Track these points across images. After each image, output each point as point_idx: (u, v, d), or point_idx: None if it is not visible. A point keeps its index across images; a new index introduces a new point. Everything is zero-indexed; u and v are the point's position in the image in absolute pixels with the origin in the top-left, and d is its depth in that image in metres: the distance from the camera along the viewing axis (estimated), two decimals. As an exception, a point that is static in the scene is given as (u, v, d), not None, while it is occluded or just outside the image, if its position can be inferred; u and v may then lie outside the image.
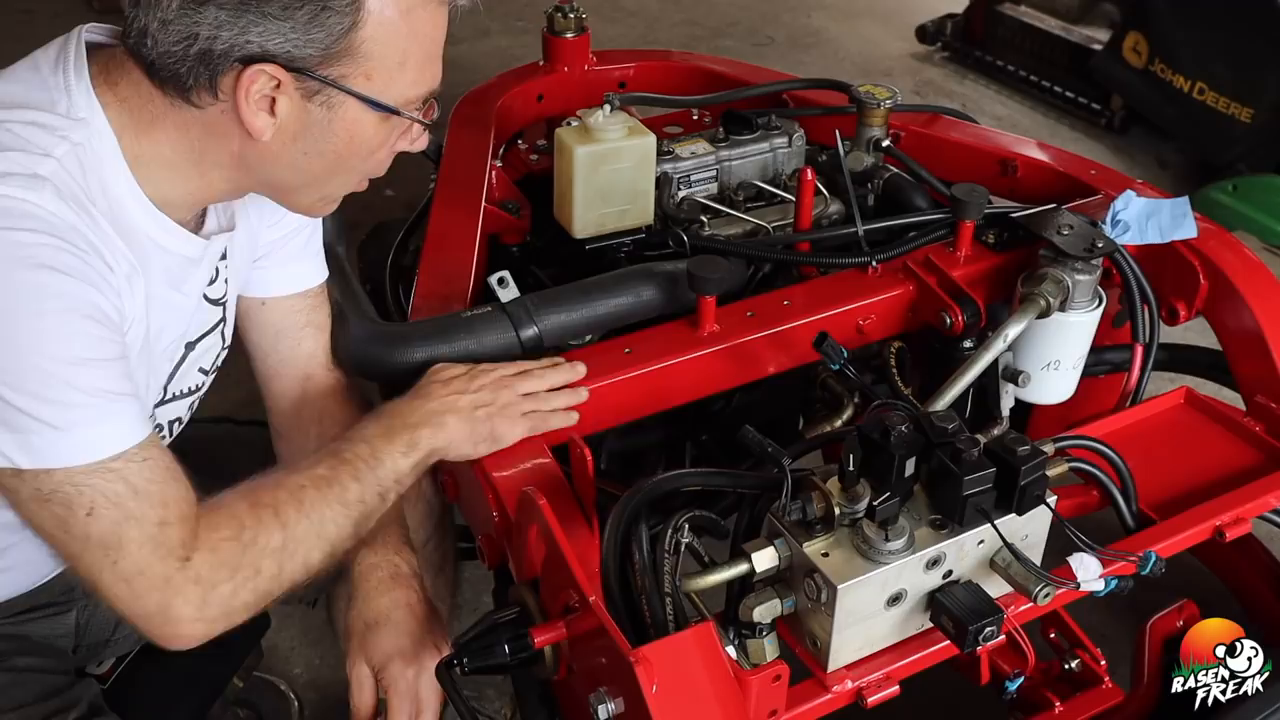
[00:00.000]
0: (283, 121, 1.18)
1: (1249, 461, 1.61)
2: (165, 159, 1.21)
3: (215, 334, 1.45)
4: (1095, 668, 1.61)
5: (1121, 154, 4.02)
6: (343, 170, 1.28)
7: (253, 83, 1.14)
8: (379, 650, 1.34)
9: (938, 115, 2.22)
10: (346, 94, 1.18)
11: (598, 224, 1.86)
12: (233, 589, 1.19)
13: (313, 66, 1.15)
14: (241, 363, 1.56)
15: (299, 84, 1.16)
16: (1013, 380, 1.69)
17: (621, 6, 5.19)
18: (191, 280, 1.34)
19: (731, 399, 1.83)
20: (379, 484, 1.31)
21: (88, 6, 4.58)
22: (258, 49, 1.12)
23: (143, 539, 1.14)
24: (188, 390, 1.45)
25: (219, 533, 1.19)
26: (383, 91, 1.20)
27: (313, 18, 1.12)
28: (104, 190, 1.19)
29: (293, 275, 1.52)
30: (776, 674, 1.16)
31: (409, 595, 1.38)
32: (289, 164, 1.23)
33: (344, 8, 1.13)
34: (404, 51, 1.19)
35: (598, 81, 2.36)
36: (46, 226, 1.10)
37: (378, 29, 1.15)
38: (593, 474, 1.35)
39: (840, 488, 1.21)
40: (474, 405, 1.40)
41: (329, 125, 1.20)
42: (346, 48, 1.15)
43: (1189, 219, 1.78)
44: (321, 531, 1.26)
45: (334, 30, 1.13)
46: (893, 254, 1.75)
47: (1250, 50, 3.51)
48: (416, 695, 1.33)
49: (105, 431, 1.13)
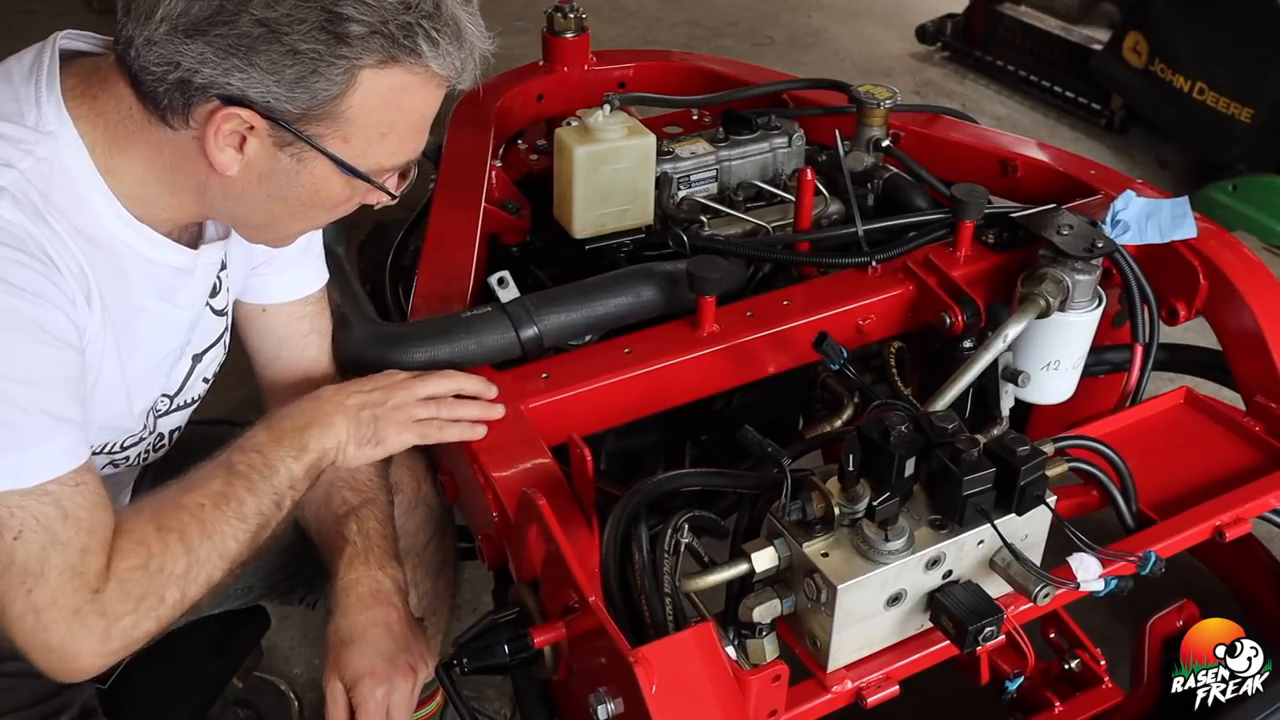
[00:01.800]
0: (249, 161, 1.16)
1: (1249, 461, 1.61)
2: (138, 176, 1.20)
3: (219, 345, 1.45)
4: (1095, 668, 1.61)
5: (1121, 154, 4.02)
6: (304, 218, 1.26)
7: (225, 121, 1.11)
8: (351, 667, 1.32)
9: (938, 115, 2.22)
10: (319, 152, 1.15)
11: (598, 224, 1.86)
12: (135, 620, 1.16)
13: (291, 120, 1.12)
14: (241, 363, 1.56)
15: (272, 132, 1.13)
16: (1013, 380, 1.69)
17: (621, 6, 5.19)
18: (185, 291, 1.33)
19: (731, 399, 1.83)
20: (274, 493, 1.29)
21: (88, 6, 4.58)
22: (238, 92, 1.09)
23: (64, 567, 1.11)
24: (191, 400, 1.45)
25: (127, 561, 1.16)
26: (358, 157, 1.17)
27: (300, 79, 1.09)
28: (76, 203, 1.17)
29: (292, 281, 1.51)
30: (776, 674, 1.16)
31: (388, 613, 1.36)
32: (251, 203, 1.21)
33: (336, 76, 1.10)
34: (389, 124, 1.16)
35: (598, 81, 2.36)
36: (3, 236, 1.09)
37: (367, 99, 1.12)
38: (593, 474, 1.35)
39: (840, 488, 1.21)
40: (361, 405, 1.38)
41: (295, 176, 1.18)
42: (330, 111, 1.12)
43: (1189, 219, 1.78)
44: (223, 550, 1.23)
45: (320, 95, 1.10)
46: (893, 254, 1.75)
47: (1250, 50, 3.50)
48: (387, 714, 1.31)
49: (44, 454, 1.11)
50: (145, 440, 1.41)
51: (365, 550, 1.40)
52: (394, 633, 1.35)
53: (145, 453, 1.43)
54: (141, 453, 1.43)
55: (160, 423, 1.41)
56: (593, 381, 1.54)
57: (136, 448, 1.40)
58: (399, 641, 1.35)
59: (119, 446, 1.37)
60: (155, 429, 1.41)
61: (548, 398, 1.52)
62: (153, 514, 1.21)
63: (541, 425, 1.48)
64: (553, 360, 1.61)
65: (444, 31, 1.12)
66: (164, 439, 1.44)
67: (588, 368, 1.57)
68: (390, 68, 1.12)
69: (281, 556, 1.62)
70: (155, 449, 1.45)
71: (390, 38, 1.10)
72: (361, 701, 1.31)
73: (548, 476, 1.40)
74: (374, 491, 1.47)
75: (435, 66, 1.13)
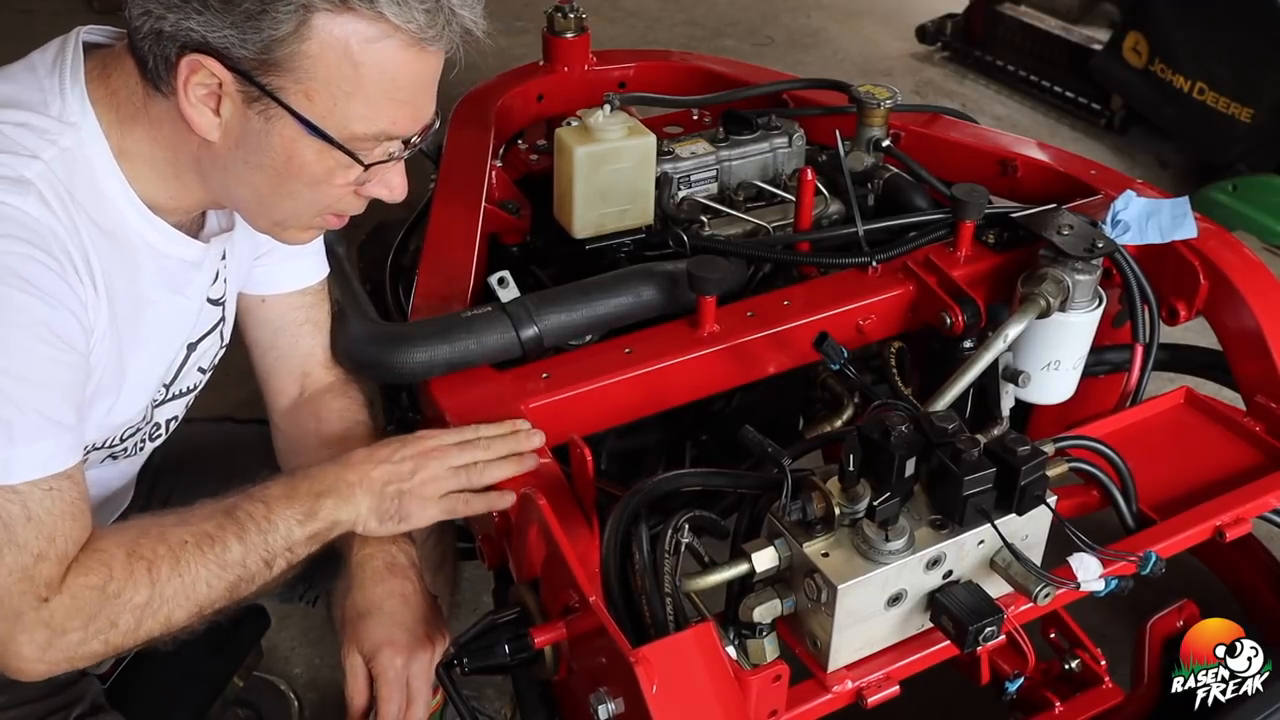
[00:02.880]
0: (226, 124, 1.16)
1: (1249, 461, 1.61)
2: (145, 155, 1.21)
3: (215, 334, 1.45)
4: (1095, 668, 1.61)
5: (1121, 154, 4.02)
6: (286, 193, 1.23)
7: (192, 73, 1.12)
8: (370, 639, 1.31)
9: (938, 115, 2.22)
10: (282, 108, 1.13)
11: (598, 224, 1.86)
12: (82, 638, 1.15)
13: (251, 69, 1.11)
14: (242, 362, 1.56)
15: (240, 86, 1.13)
16: (1013, 380, 1.69)
17: (621, 6, 5.19)
18: (195, 283, 1.34)
19: (732, 399, 1.83)
20: (266, 549, 1.25)
21: (87, 6, 4.58)
22: (199, 38, 1.10)
23: (14, 567, 1.10)
24: (187, 389, 1.45)
25: (85, 578, 1.15)
26: (323, 118, 1.14)
27: (251, 16, 1.08)
28: (95, 195, 1.18)
29: (293, 272, 1.52)
30: (776, 674, 1.16)
31: (404, 585, 1.35)
32: (235, 174, 1.21)
33: (286, 14, 1.08)
34: (353, 81, 1.13)
35: (598, 81, 2.36)
36: (24, 232, 1.10)
37: (324, 50, 1.11)
38: (593, 474, 1.35)
39: (840, 488, 1.21)
40: (387, 480, 1.33)
41: (266, 137, 1.16)
42: (287, 58, 1.11)
43: (1189, 219, 1.78)
44: (191, 593, 1.20)
45: (271, 35, 1.09)
46: (893, 254, 1.75)
47: (1250, 50, 3.50)
48: (407, 685, 1.30)
49: (30, 454, 1.11)
50: (142, 429, 1.41)
51: None
52: (411, 604, 1.34)
53: (142, 441, 1.43)
54: (139, 442, 1.43)
55: (156, 412, 1.41)
56: (593, 381, 1.54)
57: (134, 437, 1.41)
58: (416, 612, 1.34)
59: (118, 439, 1.37)
60: (152, 418, 1.41)
61: (548, 398, 1.52)
62: (131, 538, 1.19)
63: (541, 425, 1.47)
64: (553, 360, 1.61)
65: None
66: (160, 428, 1.44)
67: (588, 368, 1.57)
68: (343, 14, 1.09)
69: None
70: (152, 437, 1.45)
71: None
72: (381, 671, 1.29)
73: (548, 476, 1.40)
74: None
75: (391, 15, 1.10)
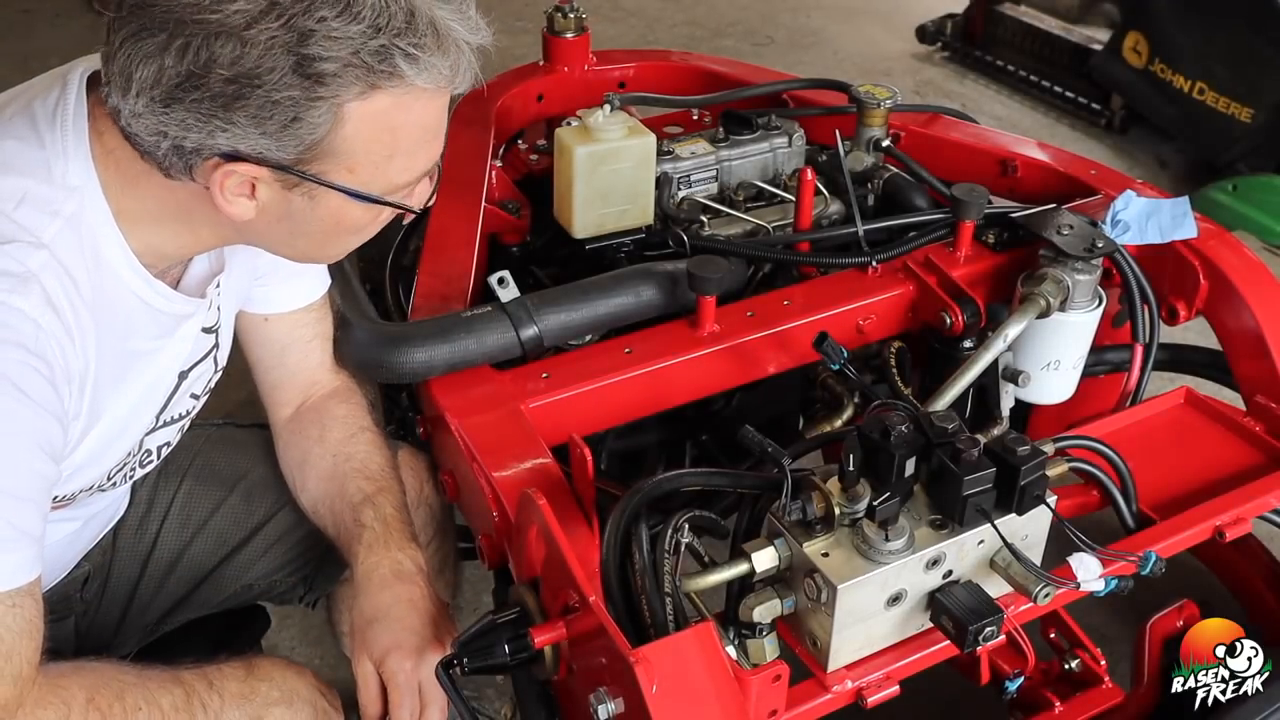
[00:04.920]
0: (264, 205, 1.13)
1: (1249, 461, 1.61)
2: (151, 214, 1.17)
3: (208, 360, 1.41)
4: (1095, 668, 1.61)
5: (1121, 154, 4.01)
6: (335, 244, 1.24)
7: (227, 178, 1.09)
8: (378, 644, 1.31)
9: (938, 115, 2.22)
10: (328, 187, 1.12)
11: (598, 224, 1.86)
12: None
13: (290, 164, 1.09)
14: (242, 362, 1.56)
15: (278, 177, 1.10)
16: (1013, 380, 1.69)
17: (621, 6, 5.19)
18: (186, 325, 1.32)
19: (732, 399, 1.83)
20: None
21: (87, 7, 4.57)
22: (229, 149, 1.07)
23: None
24: (178, 416, 1.42)
25: (43, 712, 1.10)
26: (368, 183, 1.13)
27: (284, 126, 1.06)
28: (95, 261, 1.15)
29: (295, 290, 1.50)
30: (776, 674, 1.16)
31: (411, 590, 1.35)
32: (275, 240, 1.21)
33: (320, 117, 1.06)
34: (390, 145, 1.12)
35: (598, 81, 2.36)
36: (24, 339, 1.07)
37: (360, 126, 1.08)
38: (593, 474, 1.35)
39: (840, 488, 1.21)
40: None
41: (312, 212, 1.15)
42: (326, 148, 1.09)
43: (1189, 219, 1.78)
44: None
45: (307, 138, 1.07)
46: (893, 254, 1.75)
47: (1250, 50, 3.50)
48: (418, 689, 1.30)
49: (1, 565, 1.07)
50: (129, 461, 1.38)
51: (384, 534, 1.40)
52: (418, 608, 1.34)
53: (131, 470, 1.41)
54: (127, 472, 1.41)
55: (146, 439, 1.39)
56: (593, 381, 1.55)
57: (122, 471, 1.38)
58: (424, 616, 1.34)
59: (105, 479, 1.35)
60: (141, 447, 1.39)
61: (548, 398, 1.52)
62: (92, 683, 1.15)
63: (541, 425, 1.48)
64: (553, 360, 1.61)
65: (422, 44, 1.07)
66: (151, 454, 1.42)
67: (588, 368, 1.57)
68: (373, 94, 1.07)
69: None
70: (142, 464, 1.43)
71: (366, 67, 1.05)
72: (391, 675, 1.29)
73: (548, 476, 1.40)
74: (387, 480, 1.47)
75: (420, 82, 1.08)
